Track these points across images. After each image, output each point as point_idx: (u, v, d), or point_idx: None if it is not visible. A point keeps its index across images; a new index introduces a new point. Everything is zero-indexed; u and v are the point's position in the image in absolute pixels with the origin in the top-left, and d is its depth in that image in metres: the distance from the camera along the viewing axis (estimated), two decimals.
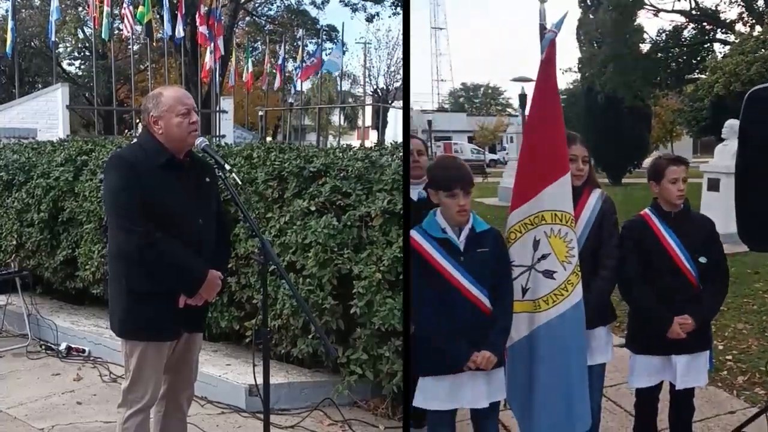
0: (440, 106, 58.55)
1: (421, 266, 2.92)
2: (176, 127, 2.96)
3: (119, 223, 2.91)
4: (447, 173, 2.96)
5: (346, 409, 4.38)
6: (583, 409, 2.99)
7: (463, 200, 2.89)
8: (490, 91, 61.57)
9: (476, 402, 2.95)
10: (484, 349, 2.86)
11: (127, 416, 3.04)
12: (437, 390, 2.94)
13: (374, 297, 4.17)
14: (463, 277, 2.90)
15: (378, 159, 4.70)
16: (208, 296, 3.05)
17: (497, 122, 44.72)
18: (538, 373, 2.96)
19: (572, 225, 2.99)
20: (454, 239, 2.93)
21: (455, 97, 61.78)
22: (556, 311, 2.94)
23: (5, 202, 6.69)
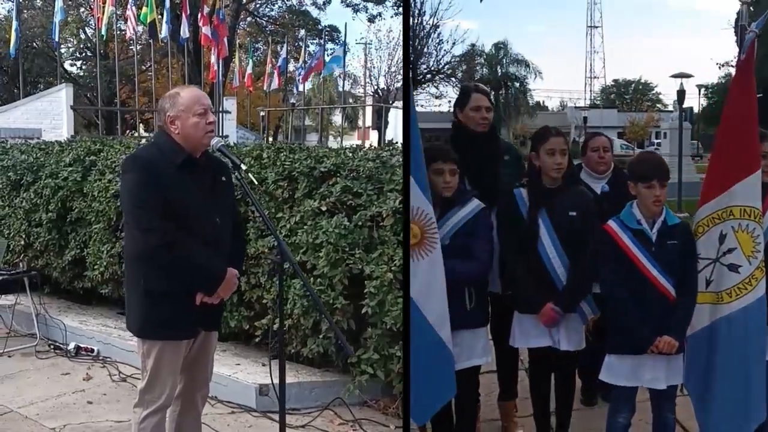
0: (592, 103, 59.05)
1: (615, 254, 3.16)
2: (193, 128, 2.98)
3: (138, 223, 2.92)
4: (646, 165, 3.21)
5: (356, 408, 4.39)
6: (759, 401, 3.12)
7: (659, 191, 3.11)
8: (641, 87, 61.77)
9: (655, 383, 3.19)
10: (667, 335, 3.08)
11: (144, 416, 3.04)
12: (621, 367, 3.20)
13: (385, 297, 4.18)
14: (653, 267, 3.12)
15: (389, 159, 4.71)
16: (225, 295, 3.07)
17: (647, 118, 45.14)
18: (717, 364, 3.15)
19: (760, 221, 3.12)
20: (647, 231, 3.15)
21: (607, 94, 62.26)
22: (738, 304, 3.10)
23: (14, 202, 6.70)
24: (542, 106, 51.05)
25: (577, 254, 3.36)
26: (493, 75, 38.76)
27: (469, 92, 3.76)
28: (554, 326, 3.40)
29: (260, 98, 27.79)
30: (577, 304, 3.41)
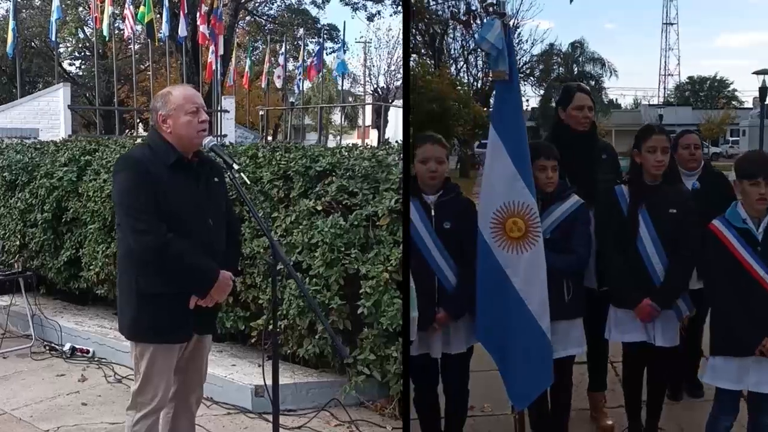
0: (666, 100, 59.00)
1: (720, 253, 3.15)
2: (185, 126, 2.94)
3: (130, 223, 2.88)
4: (752, 163, 3.20)
5: (353, 409, 4.36)
6: None
7: (764, 189, 3.08)
8: (717, 84, 61.62)
9: (760, 386, 3.12)
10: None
11: (137, 419, 3.01)
12: (726, 370, 3.16)
13: (381, 297, 4.15)
14: (759, 267, 3.09)
15: (385, 158, 4.68)
16: (219, 297, 3.04)
17: (723, 115, 45.06)
18: None
19: None
20: (753, 230, 3.13)
21: (681, 91, 62.35)
22: None
23: (9, 203, 6.68)
24: (615, 104, 51.07)
25: (675, 251, 3.39)
26: (569, 74, 39.02)
27: (573, 92, 3.85)
28: (650, 322, 3.43)
29: (259, 97, 27.76)
30: (675, 301, 3.43)
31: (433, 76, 19.64)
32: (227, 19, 21.47)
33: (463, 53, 34.16)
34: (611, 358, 4.19)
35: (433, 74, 20.06)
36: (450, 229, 3.34)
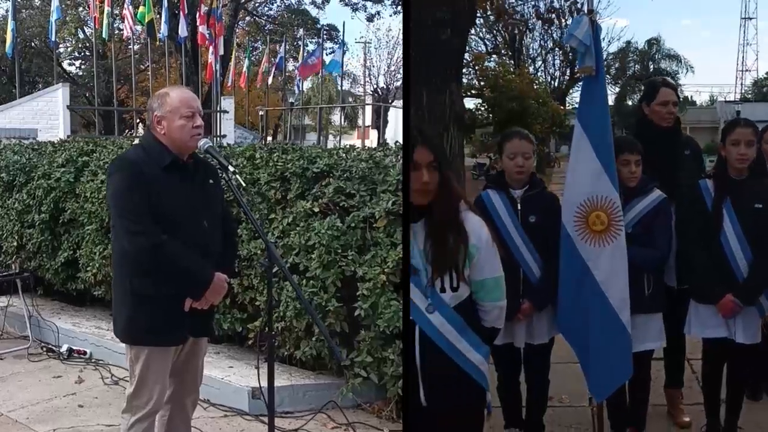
0: (743, 97, 58.85)
1: None
2: (179, 130, 2.93)
3: (124, 225, 2.87)
4: None
5: (350, 411, 4.34)
6: None
7: None
8: None
9: None
10: None
11: (132, 422, 3.00)
12: None
13: (378, 299, 4.13)
14: None
15: (382, 160, 4.66)
16: (214, 300, 3.02)
17: None
18: None
19: None
20: None
21: (759, 87, 62.03)
22: None
23: (6, 203, 6.66)
24: (691, 101, 51.06)
25: (760, 247, 3.38)
26: (644, 71, 39.16)
27: (657, 87, 3.87)
28: (732, 318, 3.42)
29: (259, 97, 27.75)
30: (758, 298, 3.42)
31: (514, 76, 19.81)
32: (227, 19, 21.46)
33: (541, 53, 34.64)
34: (688, 356, 4.22)
35: (513, 73, 20.23)
36: (535, 223, 3.42)
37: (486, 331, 2.56)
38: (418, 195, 2.41)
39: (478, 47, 30.13)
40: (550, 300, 3.44)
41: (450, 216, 2.44)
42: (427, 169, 2.38)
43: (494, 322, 2.57)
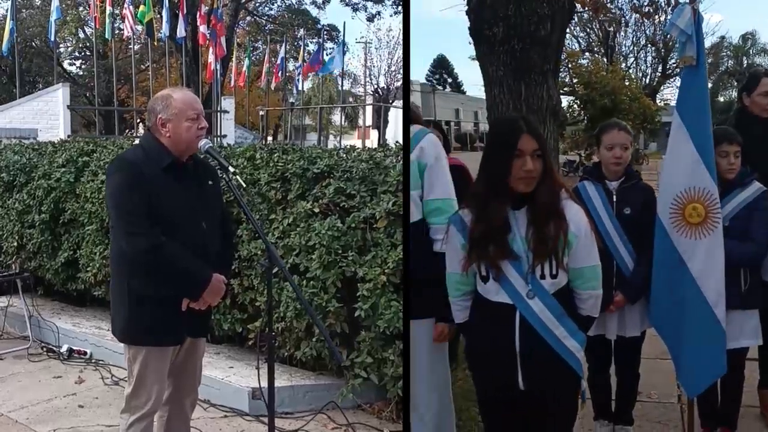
0: None
1: None
2: (186, 132, 2.93)
3: (123, 226, 2.87)
4: None
5: (350, 412, 4.34)
6: None
7: None
8: None
9: None
10: None
11: (131, 422, 3.00)
12: None
13: (379, 300, 4.13)
14: None
15: (382, 160, 4.66)
16: (211, 301, 3.02)
17: None
18: None
19: None
20: None
21: None
22: None
23: (6, 204, 6.66)
24: None
25: None
26: (738, 66, 38.98)
27: (759, 77, 3.85)
28: None
29: (259, 98, 27.75)
30: None
31: (607, 72, 19.89)
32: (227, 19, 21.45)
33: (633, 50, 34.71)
34: None
35: (606, 70, 20.33)
36: (630, 215, 3.40)
37: (582, 319, 2.58)
38: (521, 183, 2.46)
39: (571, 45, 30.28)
40: (643, 293, 3.40)
41: (552, 204, 2.48)
42: (532, 158, 2.44)
43: (590, 311, 2.59)
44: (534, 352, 2.49)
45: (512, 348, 2.50)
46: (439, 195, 2.93)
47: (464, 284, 2.66)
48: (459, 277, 2.65)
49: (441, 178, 2.95)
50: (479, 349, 2.68)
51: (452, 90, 53.23)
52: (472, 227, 2.55)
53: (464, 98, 48.49)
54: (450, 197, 2.95)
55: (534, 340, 2.49)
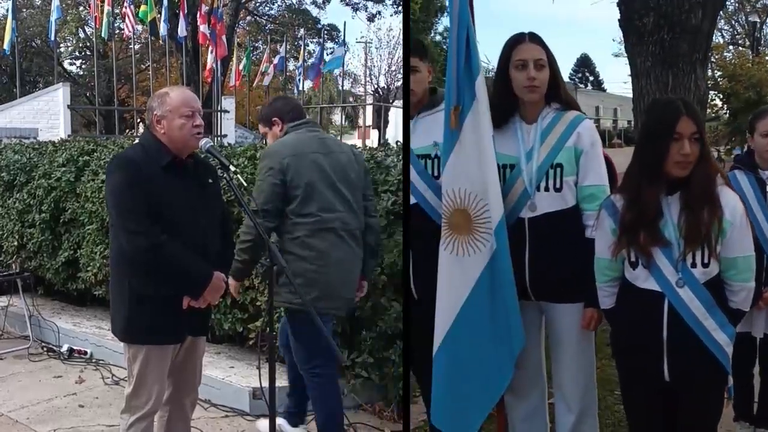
0: None
1: None
2: (179, 129, 2.92)
3: (123, 224, 2.86)
4: None
5: (351, 412, 4.33)
6: None
7: None
8: None
9: None
10: None
11: (131, 422, 3.00)
12: None
13: (379, 299, 4.12)
14: None
15: (383, 160, 4.65)
16: (212, 299, 3.02)
17: None
18: None
19: None
20: None
21: None
22: None
23: (6, 203, 6.66)
24: None
25: None
26: None
27: None
28: None
29: (260, 97, 27.75)
30: None
31: (753, 64, 19.88)
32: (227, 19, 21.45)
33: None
34: None
35: (752, 62, 20.31)
36: None
37: (732, 312, 2.51)
38: (677, 167, 2.42)
39: (715, 38, 30.24)
40: None
41: (707, 189, 2.43)
42: (690, 141, 2.40)
43: (741, 304, 2.53)
44: (681, 343, 2.44)
45: (659, 337, 2.46)
46: (593, 181, 2.88)
47: (612, 270, 2.63)
48: (607, 263, 2.62)
49: (596, 165, 2.90)
50: (624, 337, 2.62)
51: (593, 88, 53.66)
52: (624, 212, 2.50)
53: (604, 96, 49.30)
54: (603, 183, 2.90)
55: (682, 330, 2.43)
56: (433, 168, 3.14)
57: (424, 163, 3.16)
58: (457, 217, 2.86)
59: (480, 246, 2.82)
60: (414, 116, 3.20)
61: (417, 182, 3.15)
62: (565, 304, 2.96)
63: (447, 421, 2.98)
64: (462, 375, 2.91)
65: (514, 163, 2.90)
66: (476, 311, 2.85)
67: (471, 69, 2.80)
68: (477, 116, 2.81)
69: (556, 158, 2.86)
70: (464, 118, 2.82)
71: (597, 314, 2.88)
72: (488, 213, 2.80)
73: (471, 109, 2.81)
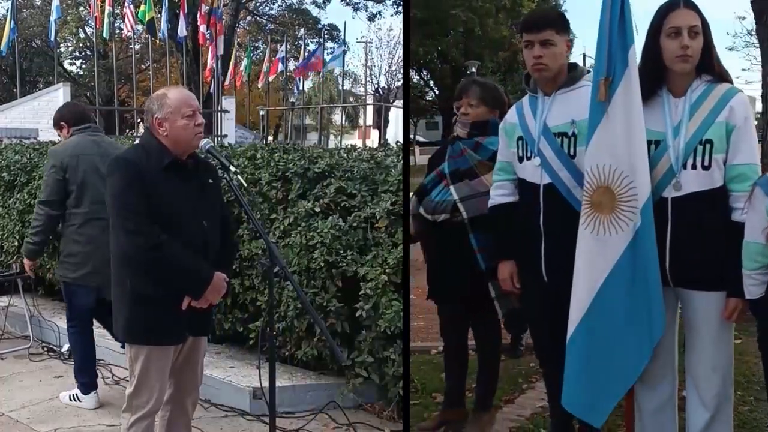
0: None
1: None
2: (182, 130, 2.93)
3: (123, 225, 2.87)
4: None
5: (351, 412, 4.34)
6: None
7: None
8: None
9: None
10: None
11: (132, 422, 3.00)
12: None
13: (380, 299, 4.13)
14: None
15: (383, 160, 4.66)
16: (213, 299, 3.02)
17: None
18: None
19: None
20: None
21: None
22: None
23: (7, 203, 6.65)
24: None
25: None
26: None
27: None
28: None
29: (260, 97, 27.76)
30: None
31: None
32: (228, 19, 21.49)
33: None
34: None
35: None
36: None
37: None
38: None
39: None
40: None
41: None
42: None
43: None
44: None
45: None
46: (744, 160, 2.66)
47: (764, 255, 2.46)
48: (760, 247, 2.45)
49: (748, 142, 2.68)
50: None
51: None
52: None
53: None
54: (755, 162, 2.68)
55: None
56: (569, 147, 2.98)
57: (560, 142, 2.99)
58: (600, 195, 2.73)
59: (623, 225, 2.68)
60: (551, 93, 3.04)
61: (552, 161, 2.98)
62: (706, 292, 2.75)
63: (579, 405, 2.90)
64: (597, 358, 2.80)
65: (659, 139, 2.72)
66: (615, 293, 2.73)
67: (625, 36, 2.64)
68: (629, 86, 2.65)
69: (705, 134, 2.65)
70: (614, 89, 2.66)
71: (742, 304, 2.67)
72: (634, 191, 2.65)
73: (622, 78, 2.65)
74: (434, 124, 47.03)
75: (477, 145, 3.64)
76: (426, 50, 33.25)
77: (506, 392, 4.35)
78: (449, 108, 44.64)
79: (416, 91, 39.30)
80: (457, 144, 3.71)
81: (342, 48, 20.10)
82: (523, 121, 3.11)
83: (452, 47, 33.68)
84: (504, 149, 3.25)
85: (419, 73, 38.33)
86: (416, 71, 38.06)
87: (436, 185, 3.70)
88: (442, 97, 39.85)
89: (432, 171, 3.79)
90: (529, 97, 3.14)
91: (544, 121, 3.02)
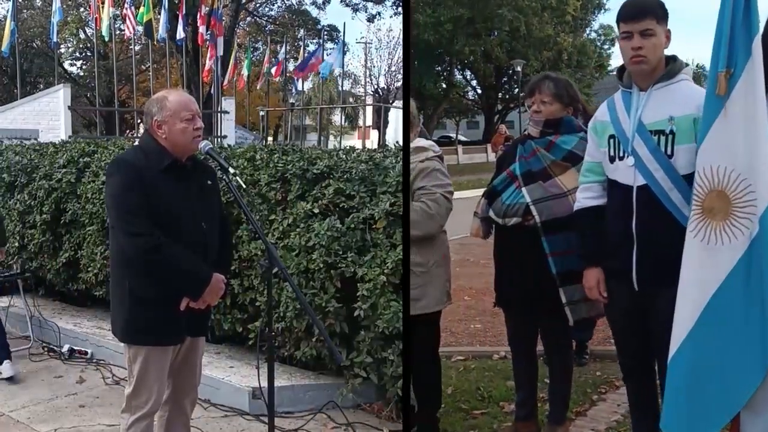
0: None
1: None
2: (181, 133, 2.95)
3: (122, 226, 2.89)
4: None
5: (349, 412, 4.36)
6: None
7: None
8: None
9: None
10: None
11: (131, 422, 3.02)
12: None
13: (378, 300, 4.15)
14: None
15: (382, 161, 4.68)
16: (211, 300, 3.04)
17: None
18: None
19: None
20: None
21: None
22: None
23: (7, 204, 6.68)
24: None
25: None
26: None
27: None
28: None
29: (260, 98, 27.79)
30: None
31: None
32: (227, 20, 21.50)
33: None
34: None
35: None
36: None
37: None
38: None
39: None
40: None
41: None
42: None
43: None
44: None
45: None
46: None
47: None
48: None
49: None
50: None
51: None
52: None
53: None
54: None
55: None
56: (666, 145, 2.75)
57: (657, 140, 2.77)
58: (713, 200, 2.49)
59: (737, 234, 2.44)
60: (647, 88, 2.83)
61: (648, 161, 2.77)
62: None
63: (681, 429, 2.64)
64: (704, 378, 2.55)
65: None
66: (725, 309, 2.48)
67: (750, 25, 2.41)
68: (752, 79, 2.42)
69: None
70: (735, 82, 2.43)
71: None
72: (752, 195, 2.41)
73: (744, 71, 2.42)
74: (475, 123, 47.21)
75: (550, 145, 3.44)
76: (471, 49, 32.76)
77: (576, 403, 4.12)
78: (490, 107, 44.28)
79: (459, 90, 38.96)
80: (528, 143, 3.51)
81: (340, 48, 20.11)
82: (616, 118, 2.90)
83: (496, 47, 33.28)
84: (593, 149, 3.04)
85: (462, 73, 37.88)
86: (459, 71, 37.61)
87: (507, 187, 3.49)
88: (483, 97, 39.82)
89: (502, 171, 3.59)
90: (622, 92, 2.94)
91: (639, 118, 2.82)
